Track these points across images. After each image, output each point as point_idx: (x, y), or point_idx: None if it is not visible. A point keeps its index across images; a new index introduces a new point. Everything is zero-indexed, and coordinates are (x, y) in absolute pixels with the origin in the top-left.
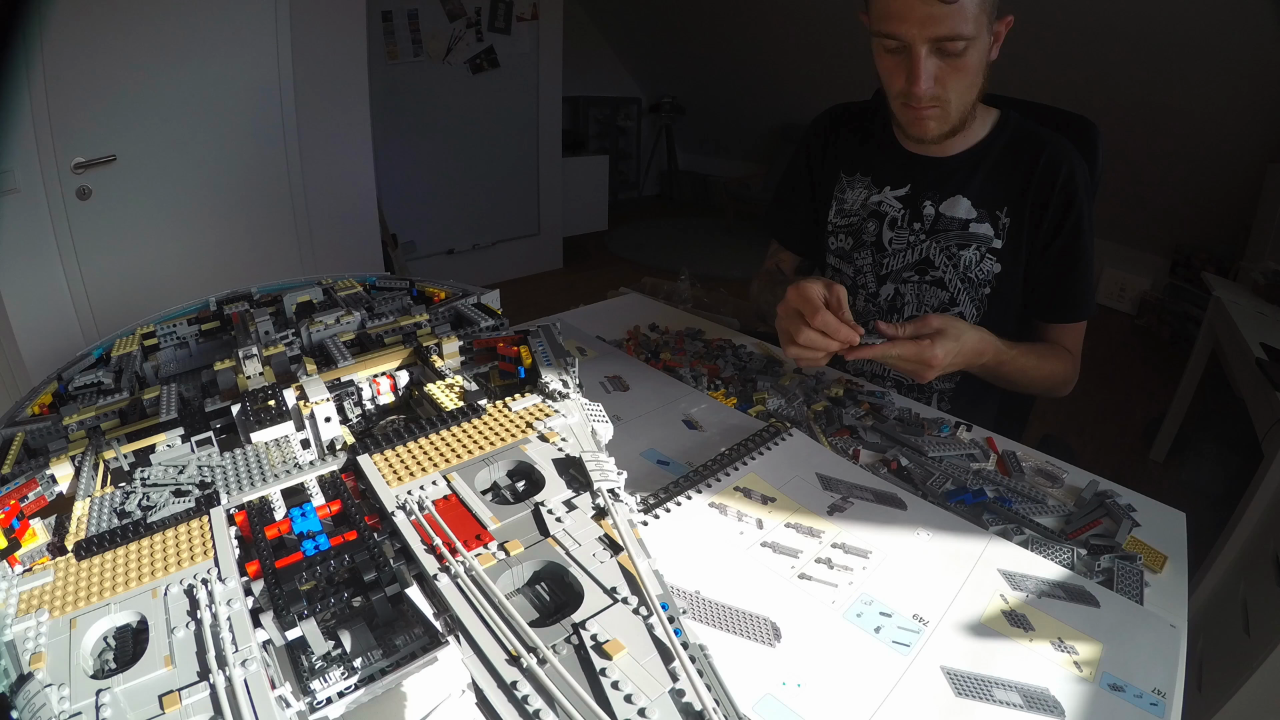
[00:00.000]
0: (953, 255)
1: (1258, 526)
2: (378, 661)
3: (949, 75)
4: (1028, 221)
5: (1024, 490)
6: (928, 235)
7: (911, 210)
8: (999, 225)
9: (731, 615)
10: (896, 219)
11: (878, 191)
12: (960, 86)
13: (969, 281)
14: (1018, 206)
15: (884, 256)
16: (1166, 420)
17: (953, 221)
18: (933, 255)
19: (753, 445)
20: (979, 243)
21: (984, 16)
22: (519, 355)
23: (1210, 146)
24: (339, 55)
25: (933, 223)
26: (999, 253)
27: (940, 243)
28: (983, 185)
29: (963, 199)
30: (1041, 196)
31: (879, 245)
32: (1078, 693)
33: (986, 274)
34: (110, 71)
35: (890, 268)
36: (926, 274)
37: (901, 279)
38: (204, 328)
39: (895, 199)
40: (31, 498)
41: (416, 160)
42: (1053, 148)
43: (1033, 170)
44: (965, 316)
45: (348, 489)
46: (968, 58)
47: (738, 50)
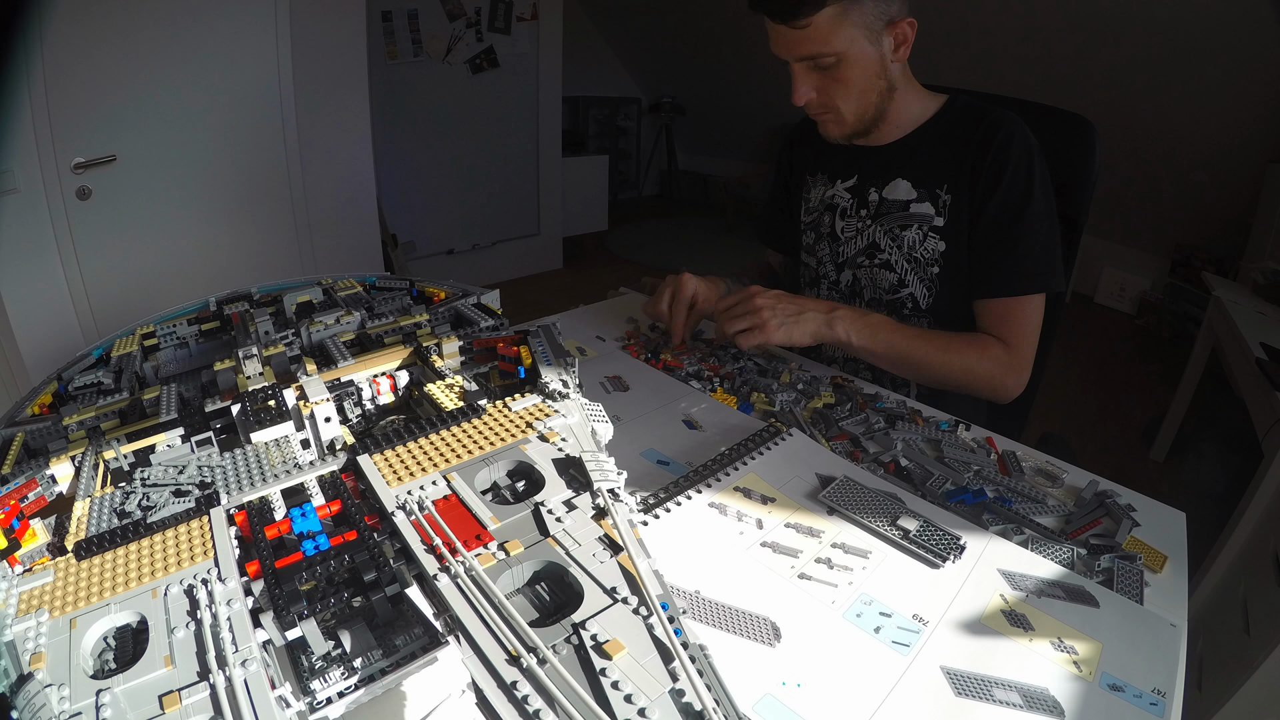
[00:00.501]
0: (896, 236)
1: (1258, 526)
2: (378, 661)
3: (830, 86)
4: (967, 194)
5: (1024, 490)
6: (873, 220)
7: (859, 198)
8: (939, 203)
9: (731, 615)
10: (846, 209)
11: (832, 186)
12: (845, 95)
13: (915, 261)
14: (957, 182)
15: (839, 245)
16: (1166, 420)
17: (894, 204)
18: (878, 238)
19: (752, 445)
20: (919, 222)
21: (854, 30)
22: (519, 355)
23: (1210, 147)
24: (339, 55)
25: (877, 207)
26: (941, 230)
27: (884, 225)
28: (921, 165)
29: (902, 181)
30: (979, 167)
31: (833, 235)
32: (1077, 692)
33: (932, 252)
34: (110, 71)
35: (845, 255)
36: (875, 257)
37: (855, 264)
38: (204, 328)
39: (845, 190)
40: (31, 498)
41: (416, 160)
42: (991, 118)
43: (970, 142)
44: (916, 297)
45: (348, 489)
46: (844, 71)
47: (738, 50)
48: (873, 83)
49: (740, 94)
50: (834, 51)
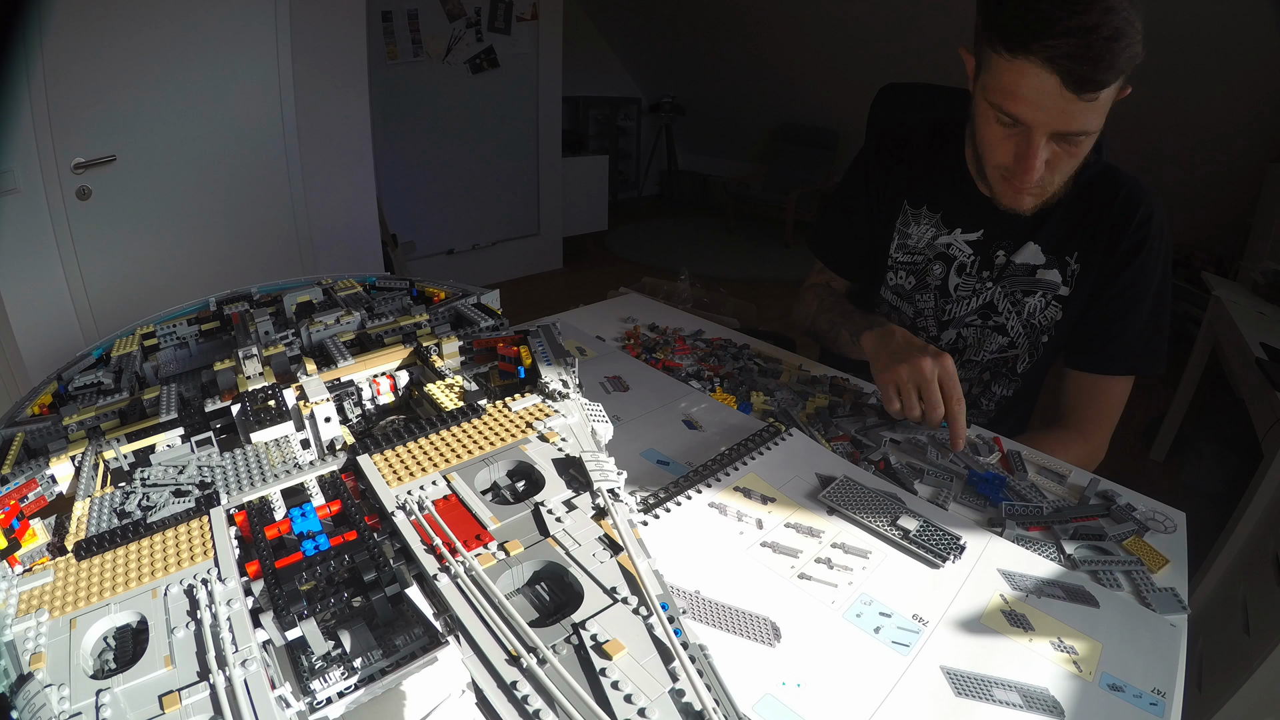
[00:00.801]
0: (1017, 302)
1: (1258, 526)
2: (378, 661)
3: (1060, 160)
4: (1098, 266)
5: (1025, 490)
6: (995, 282)
7: (982, 257)
8: (1068, 272)
9: (731, 615)
10: (965, 265)
11: (947, 233)
12: (1068, 170)
13: (1030, 329)
14: (1089, 253)
15: (948, 302)
16: (1166, 420)
17: (1021, 268)
18: (997, 301)
19: (752, 445)
20: (1045, 289)
21: (1109, 107)
22: (519, 355)
23: (1210, 146)
24: (339, 55)
25: (1002, 270)
26: (1065, 300)
27: (1005, 288)
28: (1054, 230)
29: (1032, 244)
30: (1114, 239)
31: (943, 290)
32: (1077, 692)
33: (1049, 321)
34: (110, 71)
35: (953, 314)
36: (989, 319)
37: (964, 324)
38: (204, 328)
39: (966, 243)
40: (31, 498)
41: (416, 160)
42: (1132, 189)
43: (1108, 212)
44: (1018, 362)
45: (348, 489)
46: (1083, 145)
47: (738, 50)
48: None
49: (740, 94)
50: (1092, 130)
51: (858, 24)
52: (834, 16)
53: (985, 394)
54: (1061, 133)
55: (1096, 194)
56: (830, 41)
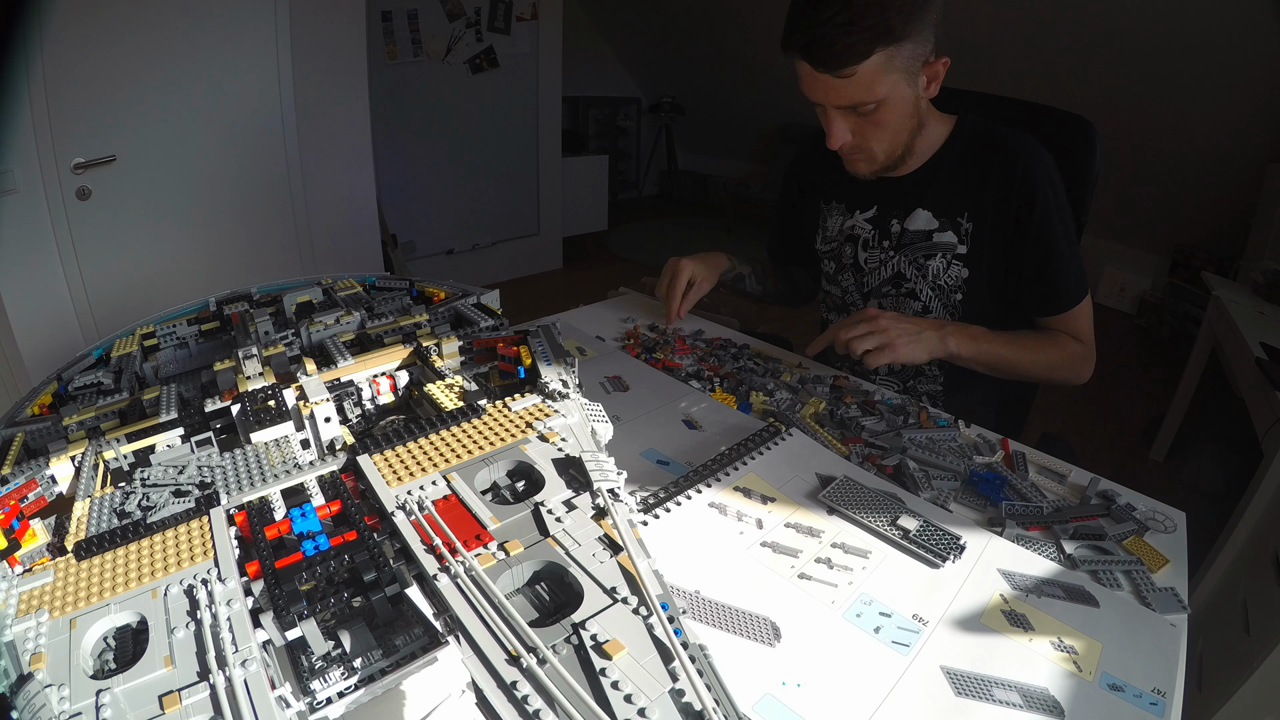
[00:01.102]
0: (920, 266)
1: (1258, 526)
2: (378, 661)
3: (865, 129)
4: (990, 222)
5: (1026, 490)
6: (896, 250)
7: (880, 229)
8: (961, 231)
9: (731, 615)
10: (868, 240)
11: (850, 217)
12: (879, 137)
13: (939, 289)
14: (978, 209)
15: (863, 276)
16: (1166, 420)
17: (917, 235)
18: (903, 269)
19: (752, 445)
20: (943, 250)
21: (895, 75)
22: (519, 355)
23: (1210, 146)
24: (339, 55)
25: (899, 238)
26: (964, 258)
27: (908, 256)
28: (940, 195)
29: (922, 211)
30: (1001, 195)
31: (857, 266)
32: (1077, 692)
33: (955, 279)
34: (110, 71)
35: (869, 285)
36: (901, 286)
37: (880, 294)
38: (204, 328)
39: (865, 221)
40: (31, 498)
41: (416, 160)
42: (1008, 145)
43: (990, 171)
44: None
45: (347, 489)
46: (882, 114)
47: (738, 50)
48: (906, 122)
49: (740, 94)
50: (876, 99)
51: None
52: None
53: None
54: (843, 106)
55: (976, 154)
56: None
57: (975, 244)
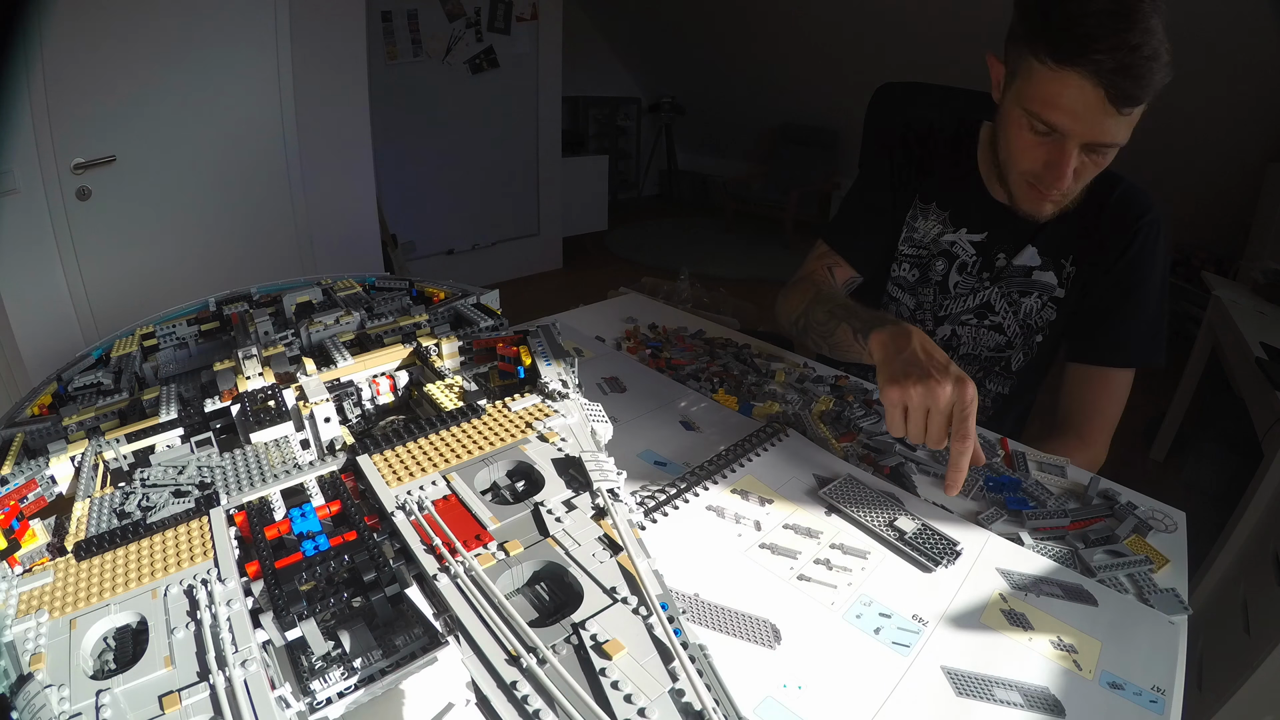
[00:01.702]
0: (1014, 302)
1: (1258, 526)
2: (378, 662)
3: (1086, 170)
4: (1090, 268)
5: (1029, 489)
6: (993, 282)
7: (984, 259)
8: (1063, 274)
9: (731, 618)
10: (967, 264)
11: (952, 231)
12: (1091, 177)
13: (1026, 328)
14: (1084, 254)
15: (945, 299)
16: (1166, 420)
17: (1018, 269)
18: (994, 301)
19: (750, 446)
20: (1041, 290)
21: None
22: (518, 355)
23: (1210, 146)
24: (339, 55)
25: (1000, 271)
26: (1060, 301)
27: (1003, 289)
28: (1052, 234)
29: (1030, 247)
30: (1106, 242)
31: (943, 286)
32: (1077, 691)
33: (1043, 322)
34: (110, 71)
35: (949, 310)
36: (986, 318)
37: (960, 321)
38: (203, 328)
39: (970, 243)
40: (31, 498)
41: (416, 160)
42: (1122, 191)
43: (1105, 215)
44: (1012, 361)
45: (347, 489)
46: (1109, 156)
47: (738, 50)
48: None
49: (740, 94)
50: (1122, 142)
51: (857, 24)
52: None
53: (981, 389)
54: (1094, 144)
55: (1094, 199)
56: (830, 41)
57: (1073, 290)
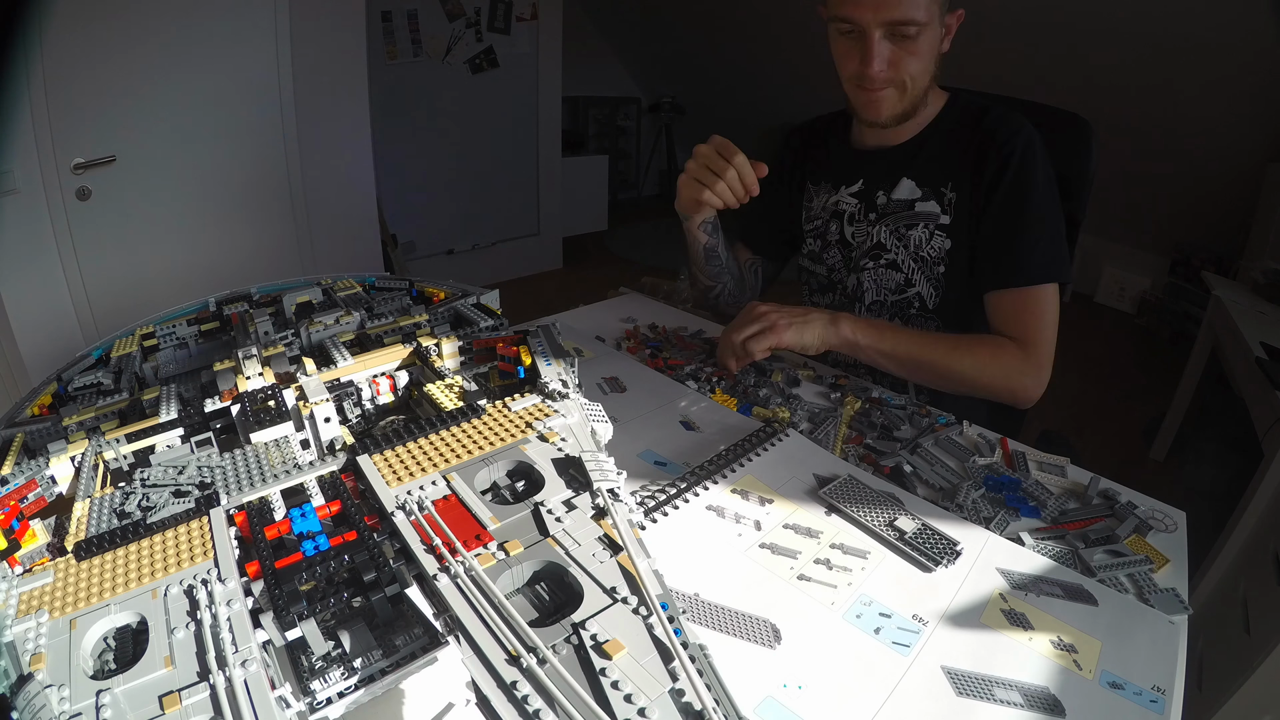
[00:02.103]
0: (902, 236)
1: (1258, 526)
2: (378, 662)
3: (902, 58)
4: (970, 192)
5: (1028, 489)
6: (878, 220)
7: (866, 203)
8: (944, 201)
9: (731, 618)
10: (854, 214)
11: (835, 193)
12: (913, 69)
13: (921, 260)
14: (962, 180)
15: (850, 251)
16: (1166, 420)
17: (899, 204)
18: (883, 238)
19: (750, 446)
20: (926, 220)
21: (935, 5)
22: (518, 355)
23: (1210, 146)
24: (339, 55)
25: (884, 209)
26: (948, 228)
27: (889, 225)
28: (926, 164)
29: (906, 180)
30: (982, 164)
31: (844, 241)
32: (1077, 690)
33: (938, 251)
34: (110, 71)
35: (855, 260)
36: (880, 257)
37: (860, 267)
38: (203, 328)
39: (850, 195)
40: (31, 498)
41: (416, 160)
42: (992, 115)
43: (974, 141)
44: (923, 297)
45: (347, 489)
46: (920, 41)
47: (738, 50)
48: (929, 64)
49: (740, 94)
50: (920, 21)
51: None
52: None
53: None
54: (891, 23)
55: (962, 126)
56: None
57: (959, 215)
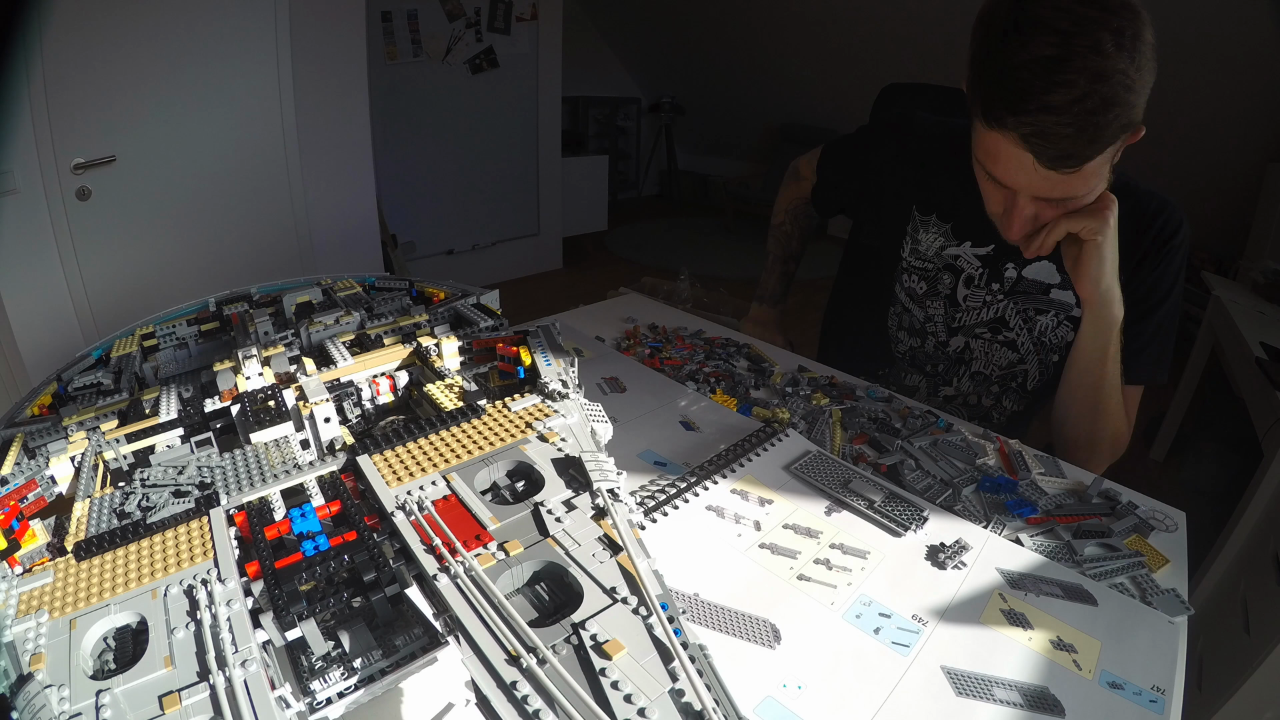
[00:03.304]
0: (1029, 319)
1: (1258, 526)
2: (378, 662)
3: (1050, 212)
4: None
5: (1023, 491)
6: (1005, 296)
7: (991, 270)
8: None
9: (731, 618)
10: (974, 277)
11: (956, 244)
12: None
13: (1041, 346)
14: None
15: (957, 311)
16: (1166, 420)
17: (1034, 285)
18: (1009, 316)
19: (749, 446)
20: (1058, 310)
21: (1106, 162)
22: (518, 355)
23: (1210, 146)
24: (339, 56)
25: (1013, 284)
26: (1077, 321)
27: (1018, 305)
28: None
29: (1047, 263)
30: (1130, 255)
31: (953, 299)
32: (1077, 690)
33: (1059, 341)
34: (110, 71)
35: (962, 322)
36: (1000, 333)
37: (973, 334)
38: (203, 328)
39: (975, 257)
40: (31, 498)
41: (416, 160)
42: (1154, 206)
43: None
44: (1028, 379)
45: (347, 489)
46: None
47: (738, 50)
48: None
49: (740, 94)
50: (1086, 193)
51: (858, 24)
52: (834, 16)
53: (996, 407)
54: (1053, 199)
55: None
56: (830, 41)
57: None
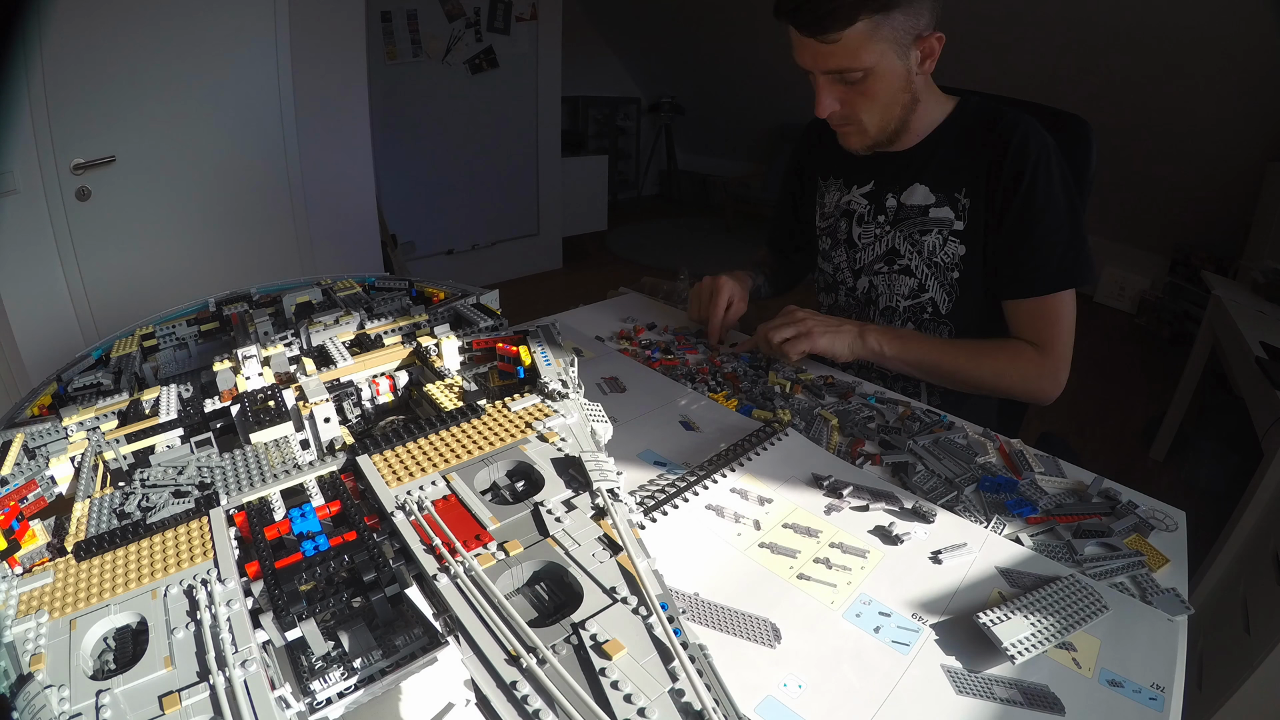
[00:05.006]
0: (916, 242)
1: (1258, 525)
2: (377, 662)
3: (855, 99)
4: (986, 198)
5: (1023, 490)
6: (892, 226)
7: (875, 205)
8: (958, 207)
9: (731, 617)
10: (863, 214)
11: (847, 192)
12: (869, 108)
13: (935, 266)
14: (976, 186)
15: (855, 252)
16: (1166, 419)
17: (913, 209)
18: (898, 244)
19: (749, 445)
20: (939, 226)
21: (883, 44)
22: (518, 355)
23: (1210, 146)
24: (338, 55)
25: (895, 213)
26: (961, 234)
27: (903, 231)
28: (938, 169)
29: (919, 186)
30: (997, 171)
31: (850, 242)
32: (1077, 688)
33: (952, 257)
34: (110, 72)
35: (862, 261)
36: (894, 263)
37: (873, 271)
38: (203, 328)
39: (861, 196)
40: (31, 499)
41: (416, 160)
42: (1005, 121)
43: (988, 147)
44: (936, 302)
45: (347, 489)
46: (871, 84)
47: (738, 50)
48: (898, 96)
49: (740, 94)
50: (863, 67)
51: None
52: None
53: None
54: (830, 72)
55: (975, 131)
56: None
57: (972, 220)
